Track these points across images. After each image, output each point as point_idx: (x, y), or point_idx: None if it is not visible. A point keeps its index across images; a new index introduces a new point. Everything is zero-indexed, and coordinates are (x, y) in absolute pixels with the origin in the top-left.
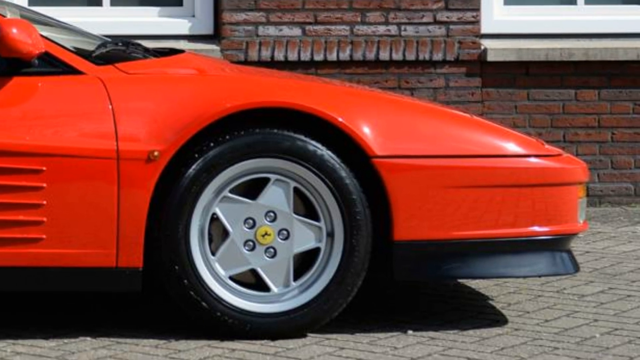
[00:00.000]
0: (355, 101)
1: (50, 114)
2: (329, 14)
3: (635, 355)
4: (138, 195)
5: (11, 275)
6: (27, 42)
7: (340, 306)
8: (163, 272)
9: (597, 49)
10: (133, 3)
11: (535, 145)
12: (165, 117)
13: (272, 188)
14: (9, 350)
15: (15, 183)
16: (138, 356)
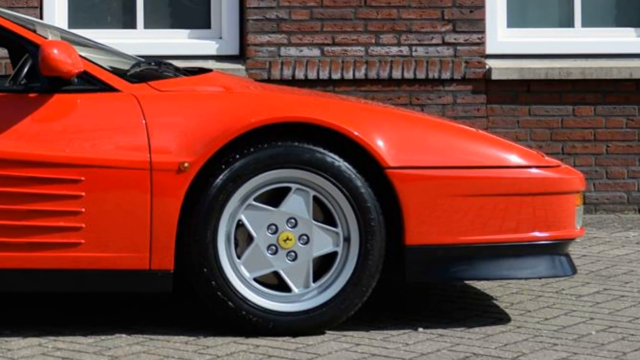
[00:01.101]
0: (370, 116)
1: (89, 128)
2: (345, 36)
3: (629, 350)
4: (169, 203)
5: (53, 277)
6: (67, 62)
7: (356, 305)
8: (192, 274)
9: (593, 68)
10: (165, 26)
11: (536, 157)
12: (195, 131)
13: (293, 196)
14: (50, 346)
15: (56, 192)
16: (169, 352)
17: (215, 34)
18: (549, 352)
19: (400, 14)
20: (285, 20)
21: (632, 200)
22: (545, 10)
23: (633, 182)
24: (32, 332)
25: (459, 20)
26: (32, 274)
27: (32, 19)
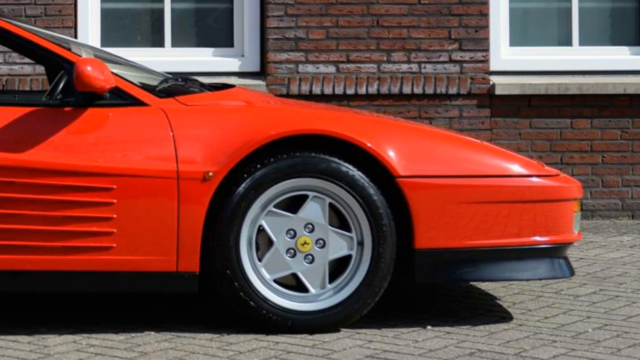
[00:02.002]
0: (382, 129)
1: (120, 140)
2: (359, 54)
3: (623, 347)
4: (195, 209)
5: (87, 278)
6: (99, 78)
7: (369, 305)
8: (216, 276)
9: (590, 84)
10: (191, 44)
11: (537, 167)
12: (219, 143)
13: (311, 203)
14: (84, 342)
15: (89, 199)
16: (195, 348)
17: (238, 52)
18: (548, 349)
19: (410, 34)
20: (303, 40)
21: (626, 207)
22: (545, 29)
23: (627, 190)
24: (67, 329)
25: (465, 39)
26: (67, 275)
27: (67, 38)
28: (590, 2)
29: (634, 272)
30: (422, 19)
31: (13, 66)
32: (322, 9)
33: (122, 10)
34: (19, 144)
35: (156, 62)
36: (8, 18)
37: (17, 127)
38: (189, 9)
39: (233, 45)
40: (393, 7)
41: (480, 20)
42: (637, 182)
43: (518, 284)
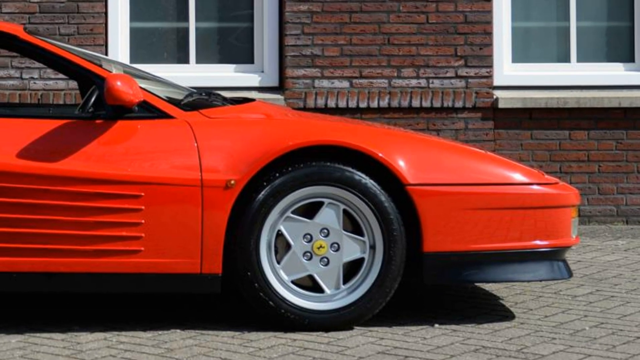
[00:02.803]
0: (393, 140)
1: (148, 150)
2: (371, 70)
3: (618, 344)
4: (218, 215)
5: (116, 280)
6: (128, 93)
7: (380, 305)
8: (238, 277)
9: (587, 98)
10: (214, 61)
11: (537, 176)
12: (240, 153)
13: (326, 210)
14: (114, 340)
15: (119, 206)
16: (218, 345)
17: (258, 68)
18: (548, 346)
19: (418, 51)
20: (319, 57)
21: (621, 213)
22: (545, 47)
23: (622, 197)
24: (99, 327)
25: (470, 56)
26: (98, 277)
27: (98, 55)
28: (587, 22)
29: (628, 274)
30: (430, 37)
31: (48, 81)
32: (337, 28)
33: (149, 29)
34: (54, 154)
35: (181, 78)
36: (43, 36)
37: (52, 138)
38: (212, 27)
39: (253, 62)
40: (403, 26)
41: (484, 39)
42: (631, 190)
43: (520, 284)
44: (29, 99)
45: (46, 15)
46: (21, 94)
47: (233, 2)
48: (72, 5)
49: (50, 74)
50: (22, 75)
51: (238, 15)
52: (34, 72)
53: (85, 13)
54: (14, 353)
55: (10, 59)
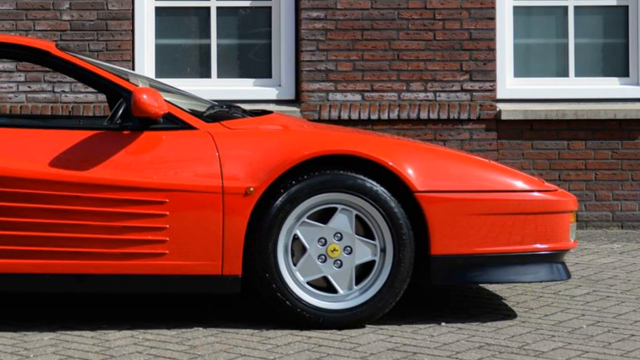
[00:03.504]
0: (402, 149)
1: (172, 159)
2: (382, 84)
3: (613, 341)
4: (238, 220)
5: (143, 281)
6: (154, 105)
7: (390, 304)
8: (257, 278)
9: (584, 110)
10: (234, 75)
11: (538, 183)
12: (259, 162)
13: (339, 215)
14: (140, 337)
15: (145, 211)
16: (238, 342)
17: (275, 82)
18: (548, 343)
19: (426, 66)
20: (333, 71)
21: (616, 218)
22: (545, 63)
23: (617, 204)
24: (126, 326)
25: (475, 71)
26: (126, 278)
27: (125, 70)
28: (584, 39)
29: (623, 276)
30: (437, 53)
31: (78, 95)
32: (350, 45)
33: (173, 45)
34: (84, 162)
35: (204, 91)
36: (74, 52)
37: (82, 148)
38: (233, 44)
39: (271, 76)
40: (412, 43)
41: (488, 55)
42: (625, 197)
43: (521, 285)
44: (61, 111)
45: (77, 33)
46: (53, 106)
47: (252, 19)
48: (101, 23)
49: (81, 88)
50: (54, 88)
51: (257, 33)
52: (66, 86)
53: (113, 30)
54: (47, 350)
55: (43, 74)
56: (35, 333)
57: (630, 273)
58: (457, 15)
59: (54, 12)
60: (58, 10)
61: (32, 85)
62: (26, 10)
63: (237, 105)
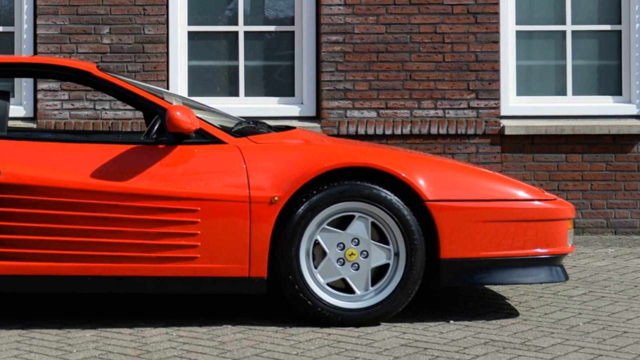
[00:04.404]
0: (414, 162)
1: (203, 171)
2: (395, 102)
3: (608, 337)
4: (263, 227)
5: (176, 282)
6: (187, 122)
7: (403, 304)
8: (281, 280)
9: (581, 126)
10: (260, 94)
11: (538, 193)
12: (283, 173)
13: (356, 222)
14: (174, 334)
15: (178, 219)
16: (264, 338)
17: (298, 100)
18: (547, 339)
19: (436, 86)
20: (350, 90)
21: (610, 225)
22: (545, 82)
23: (611, 212)
24: (161, 323)
25: (480, 90)
26: (160, 280)
27: (160, 89)
28: (581, 60)
29: (617, 277)
30: (446, 73)
31: (117, 112)
32: (366, 66)
33: (205, 66)
34: (123, 174)
35: (232, 109)
36: (113, 73)
37: (121, 160)
38: (259, 65)
39: (294, 95)
40: (423, 64)
41: (492, 75)
42: (619, 205)
43: (523, 286)
44: (101, 127)
45: (116, 55)
46: (94, 122)
47: (276, 43)
48: (139, 47)
49: (120, 106)
50: (95, 106)
51: (281, 55)
52: (106, 103)
53: (149, 53)
54: (89, 345)
55: (85, 93)
56: (77, 330)
57: (623, 275)
58: (465, 39)
59: (95, 36)
60: (99, 35)
61: (75, 103)
62: (70, 34)
63: (262, 121)
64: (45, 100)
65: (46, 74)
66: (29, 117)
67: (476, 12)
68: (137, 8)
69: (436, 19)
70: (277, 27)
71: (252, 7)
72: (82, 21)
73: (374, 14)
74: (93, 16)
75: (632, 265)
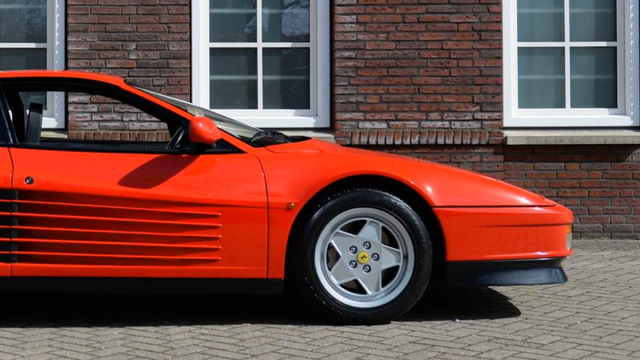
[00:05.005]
0: (422, 170)
1: (224, 179)
2: (404, 114)
3: (604, 335)
4: (281, 231)
5: (199, 283)
6: (209, 132)
7: (412, 304)
8: (297, 281)
9: (579, 136)
10: (277, 106)
11: (539, 199)
12: (299, 181)
13: (368, 227)
14: (197, 332)
15: (201, 224)
16: (281, 336)
17: (313, 112)
18: (547, 336)
19: (443, 99)
20: (362, 103)
21: (606, 229)
22: (545, 96)
23: (607, 217)
24: (184, 322)
25: (484, 103)
26: (184, 281)
27: (184, 101)
28: (579, 75)
29: (612, 279)
30: (452, 87)
31: (143, 123)
32: (377, 80)
33: (225, 80)
34: (148, 181)
35: (251, 120)
36: (140, 87)
37: (147, 169)
38: (276, 79)
39: (309, 107)
40: (430, 79)
41: (496, 89)
42: (614, 211)
43: (524, 287)
44: (128, 138)
45: (142, 70)
46: (122, 133)
47: (293, 59)
48: (163, 62)
49: (145, 117)
50: (123, 118)
51: (297, 70)
52: (132, 115)
53: (173, 68)
54: (116, 342)
55: (113, 105)
56: (106, 328)
57: (618, 277)
58: (469, 55)
59: (122, 52)
60: (126, 51)
61: (104, 115)
62: (99, 50)
63: (279, 132)
64: (75, 112)
65: (77, 87)
66: (61, 128)
67: (480, 30)
68: (162, 26)
69: (443, 36)
70: (293, 44)
71: (270, 25)
72: (111, 38)
73: (384, 32)
74: (120, 33)
75: (626, 267)
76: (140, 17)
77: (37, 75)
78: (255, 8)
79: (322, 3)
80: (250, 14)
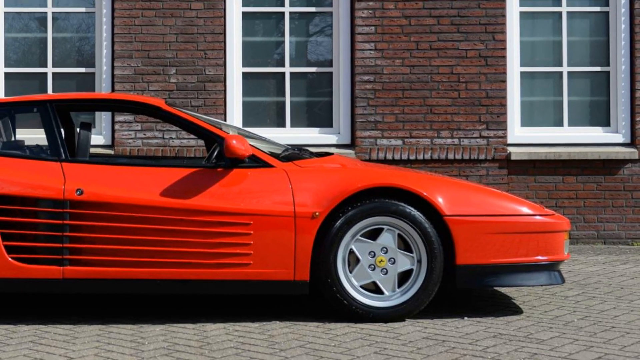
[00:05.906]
0: (434, 183)
1: (255, 190)
2: (418, 132)
3: (598, 331)
4: (306, 238)
5: (232, 285)
6: (241, 148)
7: (425, 303)
8: (321, 283)
9: (575, 152)
10: (303, 125)
11: (539, 209)
12: (323, 192)
13: (385, 234)
14: (231, 328)
15: (234, 231)
16: (306, 332)
17: (335, 130)
18: (547, 333)
19: (453, 118)
20: (380, 122)
21: (600, 236)
22: (545, 115)
23: (601, 225)
24: (219, 319)
25: (490, 122)
26: (219, 283)
27: (219, 121)
28: (576, 97)
29: (606, 280)
30: (461, 108)
31: (182, 140)
32: (393, 102)
33: (256, 102)
34: (187, 193)
35: (280, 138)
36: (179, 107)
37: (186, 182)
38: (302, 101)
39: (332, 126)
40: (441, 100)
41: (500, 109)
42: (607, 219)
43: (526, 288)
44: (169, 153)
45: (181, 92)
46: (163, 149)
47: (317, 82)
48: (200, 85)
49: (184, 135)
50: (164, 135)
51: (321, 92)
52: (173, 133)
53: (210, 90)
54: (158, 338)
55: (155, 124)
56: (149, 325)
57: (611, 279)
58: (477, 79)
59: (163, 76)
60: (167, 75)
61: (147, 133)
62: (142, 74)
63: (305, 148)
64: (121, 130)
65: (122, 108)
66: (108, 144)
67: (487, 56)
68: (199, 52)
69: (453, 62)
70: (318, 69)
71: (296, 52)
72: (153, 63)
73: (400, 57)
74: (162, 59)
75: (618, 270)
76: (179, 45)
77: (87, 97)
78: (284, 36)
79: (343, 32)
80: (279, 41)
